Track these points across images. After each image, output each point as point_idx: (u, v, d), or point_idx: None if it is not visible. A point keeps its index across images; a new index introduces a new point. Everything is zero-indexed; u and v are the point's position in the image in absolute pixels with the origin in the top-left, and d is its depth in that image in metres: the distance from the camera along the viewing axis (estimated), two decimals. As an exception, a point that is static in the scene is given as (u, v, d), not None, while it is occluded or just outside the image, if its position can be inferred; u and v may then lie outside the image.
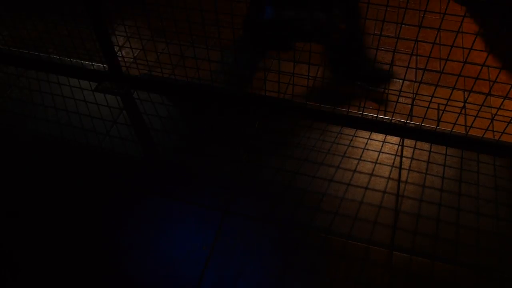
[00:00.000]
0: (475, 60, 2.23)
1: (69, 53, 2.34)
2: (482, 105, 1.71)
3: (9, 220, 1.62)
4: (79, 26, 2.53)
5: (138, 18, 2.45)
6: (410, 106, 2.02)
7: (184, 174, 1.75)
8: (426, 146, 1.85)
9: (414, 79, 2.16)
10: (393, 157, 1.81)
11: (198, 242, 1.53)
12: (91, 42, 2.43)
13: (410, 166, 1.77)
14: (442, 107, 1.98)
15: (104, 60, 2.12)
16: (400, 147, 1.85)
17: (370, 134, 1.91)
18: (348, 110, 1.92)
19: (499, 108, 1.73)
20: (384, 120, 1.90)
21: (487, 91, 2.04)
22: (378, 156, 1.82)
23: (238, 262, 1.47)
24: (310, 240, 1.53)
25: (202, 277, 1.44)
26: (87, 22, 1.97)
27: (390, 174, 1.74)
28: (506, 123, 1.83)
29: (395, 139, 1.88)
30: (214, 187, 1.70)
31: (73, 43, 2.24)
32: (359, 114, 1.92)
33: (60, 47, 2.38)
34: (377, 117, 1.90)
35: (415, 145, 1.86)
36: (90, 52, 2.32)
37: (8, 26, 2.54)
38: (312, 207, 1.63)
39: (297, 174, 1.74)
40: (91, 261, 1.49)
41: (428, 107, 1.79)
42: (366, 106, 1.98)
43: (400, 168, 1.77)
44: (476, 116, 1.77)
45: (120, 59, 2.18)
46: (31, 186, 1.73)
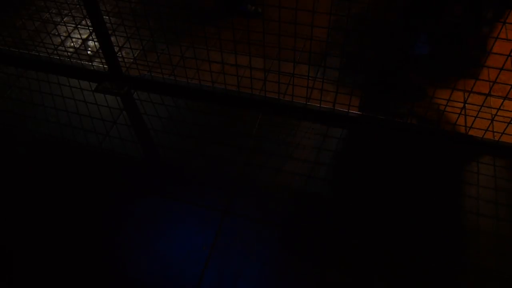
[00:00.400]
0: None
1: (69, 53, 2.34)
2: (482, 105, 1.71)
3: (9, 220, 1.62)
4: (79, 26, 2.54)
5: (138, 18, 2.45)
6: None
7: (184, 174, 1.76)
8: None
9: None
10: (393, 157, 1.81)
11: (198, 242, 1.53)
12: (91, 43, 2.43)
13: (410, 167, 1.77)
14: (442, 108, 1.98)
15: (104, 60, 2.12)
16: (400, 148, 1.85)
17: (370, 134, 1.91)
18: (348, 110, 1.92)
19: (499, 108, 1.73)
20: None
21: (487, 92, 2.04)
22: (378, 156, 1.82)
23: (238, 262, 1.47)
24: (310, 240, 1.53)
25: (202, 277, 1.44)
26: (87, 22, 1.97)
27: (390, 175, 1.74)
28: (506, 124, 1.83)
29: (395, 140, 1.88)
30: (214, 187, 1.70)
31: (73, 44, 2.24)
32: (359, 114, 1.93)
33: (60, 48, 2.38)
34: (377, 117, 1.90)
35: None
36: (90, 52, 2.32)
37: (8, 26, 2.54)
38: (312, 208, 1.63)
39: (297, 174, 1.74)
40: (91, 261, 1.49)
41: (428, 108, 1.79)
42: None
43: (400, 168, 1.77)
44: (476, 116, 1.77)
45: (120, 60, 2.18)
46: (31, 186, 1.73)
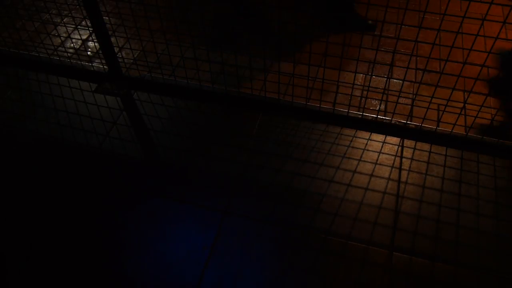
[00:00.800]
0: (475, 60, 2.23)
1: (69, 54, 2.34)
2: (482, 105, 1.71)
3: (9, 220, 1.63)
4: (79, 27, 2.54)
5: (138, 19, 2.45)
6: (410, 106, 2.02)
7: (184, 175, 1.76)
8: (426, 146, 1.85)
9: (414, 80, 2.16)
10: (393, 157, 1.81)
11: (198, 242, 1.53)
12: (91, 43, 2.43)
13: (410, 167, 1.77)
14: (442, 108, 1.98)
15: (104, 61, 2.12)
16: (400, 148, 1.85)
17: (370, 134, 1.91)
18: (348, 110, 1.92)
19: (499, 109, 1.73)
20: (384, 120, 1.90)
21: (487, 92, 2.04)
22: (378, 156, 1.82)
23: (238, 262, 1.47)
24: (310, 240, 1.53)
25: (202, 277, 1.44)
26: (87, 23, 1.97)
27: (390, 175, 1.74)
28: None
29: (395, 140, 1.88)
30: (214, 188, 1.70)
31: (73, 44, 2.24)
32: (359, 114, 1.93)
33: (60, 48, 2.38)
34: (377, 117, 1.90)
35: (415, 145, 1.86)
36: (90, 53, 2.32)
37: (8, 27, 2.55)
38: (312, 208, 1.63)
39: (297, 174, 1.74)
40: (91, 261, 1.49)
41: (428, 108, 1.79)
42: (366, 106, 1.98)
43: (400, 168, 1.77)
44: (476, 116, 1.77)
45: (120, 60, 2.18)
46: (31, 187, 1.73)
